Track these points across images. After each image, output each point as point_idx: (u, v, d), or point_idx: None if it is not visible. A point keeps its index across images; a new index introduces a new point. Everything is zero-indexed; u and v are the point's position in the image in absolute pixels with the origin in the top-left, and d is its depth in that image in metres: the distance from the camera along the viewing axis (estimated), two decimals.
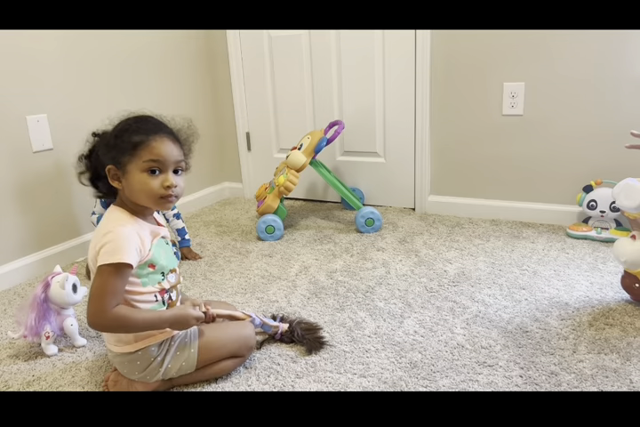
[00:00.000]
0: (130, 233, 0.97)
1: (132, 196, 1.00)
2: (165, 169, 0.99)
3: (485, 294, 1.41)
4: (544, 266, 1.57)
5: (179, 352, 1.04)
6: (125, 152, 0.98)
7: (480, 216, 2.03)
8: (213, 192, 2.43)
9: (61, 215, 1.75)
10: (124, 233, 0.97)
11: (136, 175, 0.98)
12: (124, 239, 0.96)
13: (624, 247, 1.26)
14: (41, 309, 1.18)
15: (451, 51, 1.93)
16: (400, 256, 1.69)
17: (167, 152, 0.99)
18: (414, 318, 1.30)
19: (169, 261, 1.06)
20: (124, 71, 1.93)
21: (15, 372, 1.15)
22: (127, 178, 0.99)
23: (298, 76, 2.22)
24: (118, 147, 0.99)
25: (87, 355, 1.21)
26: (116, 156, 0.99)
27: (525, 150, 1.92)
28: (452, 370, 1.09)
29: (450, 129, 2.02)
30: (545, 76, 1.82)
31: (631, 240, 1.26)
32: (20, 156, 1.61)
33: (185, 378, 1.07)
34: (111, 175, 1.00)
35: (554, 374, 1.06)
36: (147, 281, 1.01)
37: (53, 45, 1.68)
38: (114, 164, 0.99)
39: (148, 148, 0.98)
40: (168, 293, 1.05)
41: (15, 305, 1.46)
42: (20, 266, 1.63)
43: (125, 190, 1.01)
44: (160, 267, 1.02)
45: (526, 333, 1.21)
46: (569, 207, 1.88)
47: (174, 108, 2.18)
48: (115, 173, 1.00)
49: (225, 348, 1.08)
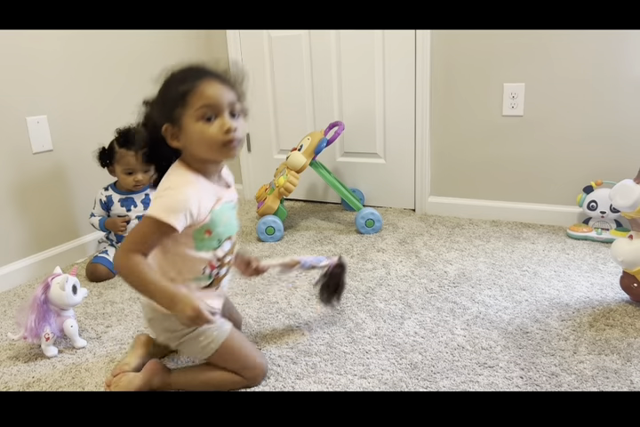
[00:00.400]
0: (189, 196, 0.92)
1: (194, 150, 0.95)
2: (220, 113, 0.93)
3: (486, 294, 1.41)
4: (544, 267, 1.57)
5: (202, 337, 1.01)
6: (176, 105, 0.93)
7: (480, 217, 2.03)
8: None
9: (61, 217, 1.75)
10: (183, 194, 0.92)
11: (192, 126, 0.93)
12: (180, 201, 0.91)
13: (621, 247, 1.26)
14: (41, 310, 1.17)
15: (451, 52, 1.93)
16: (400, 257, 1.69)
17: (218, 95, 0.93)
18: (414, 319, 1.30)
19: (227, 228, 1.01)
20: (123, 72, 1.93)
21: (15, 373, 1.15)
22: (184, 132, 0.94)
23: (298, 76, 2.22)
24: (168, 102, 0.94)
25: (87, 356, 1.20)
26: (168, 112, 0.94)
27: (526, 151, 1.92)
28: (453, 371, 1.08)
29: (450, 130, 2.02)
30: (545, 77, 1.82)
31: (628, 240, 1.26)
32: (20, 157, 1.61)
33: (186, 378, 1.06)
34: (169, 135, 0.96)
35: (554, 375, 1.06)
36: (201, 246, 0.97)
37: (54, 46, 1.68)
38: (168, 122, 0.94)
39: (197, 94, 0.92)
40: (218, 269, 1.01)
41: (15, 306, 1.46)
42: (19, 267, 1.63)
43: (187, 148, 0.96)
44: (216, 234, 0.98)
45: (527, 334, 1.21)
46: (569, 208, 1.88)
47: None
48: (172, 132, 0.95)
49: (239, 361, 1.05)
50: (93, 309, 1.43)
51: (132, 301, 1.47)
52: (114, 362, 1.17)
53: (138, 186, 1.63)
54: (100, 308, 1.43)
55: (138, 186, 1.63)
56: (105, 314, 1.40)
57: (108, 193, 1.66)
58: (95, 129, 1.79)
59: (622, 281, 1.33)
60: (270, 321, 1.32)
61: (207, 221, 0.96)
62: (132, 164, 1.60)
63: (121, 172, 1.61)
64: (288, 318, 1.33)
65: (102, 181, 1.68)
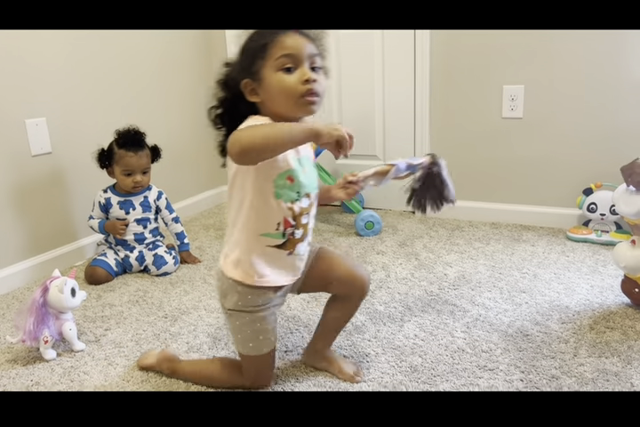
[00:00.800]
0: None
1: (273, 104, 0.93)
2: (300, 64, 0.91)
3: (486, 297, 1.41)
4: (544, 269, 1.57)
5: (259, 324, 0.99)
6: (256, 57, 0.91)
7: (480, 219, 2.03)
8: (212, 195, 2.43)
9: (60, 219, 1.75)
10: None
11: (271, 77, 0.91)
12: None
13: (624, 253, 1.25)
14: (39, 313, 1.17)
15: (450, 54, 1.93)
16: (400, 260, 1.69)
17: (298, 45, 0.91)
18: (414, 322, 1.29)
19: (309, 181, 0.98)
20: (123, 74, 1.93)
21: (14, 376, 1.14)
22: (263, 86, 0.92)
23: None
24: (248, 55, 0.93)
25: (86, 359, 1.20)
26: (249, 65, 0.92)
27: (525, 153, 1.92)
28: (453, 374, 1.08)
29: (449, 132, 2.02)
30: (544, 79, 1.82)
31: (631, 245, 1.26)
32: (19, 159, 1.61)
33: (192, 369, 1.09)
34: (248, 90, 0.94)
35: (555, 377, 1.05)
36: (281, 193, 0.94)
37: (52, 49, 1.68)
38: (249, 76, 0.92)
39: (278, 44, 0.90)
40: (293, 228, 0.97)
41: (14, 310, 1.46)
42: (18, 270, 1.62)
43: (265, 102, 0.94)
44: (297, 183, 0.95)
45: (527, 336, 1.21)
46: (569, 210, 1.88)
47: (173, 110, 2.18)
48: (251, 87, 0.93)
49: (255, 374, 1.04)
50: (92, 312, 1.43)
51: (131, 304, 1.46)
52: (112, 365, 1.17)
53: (137, 187, 1.62)
54: (99, 311, 1.43)
55: (137, 187, 1.62)
56: (104, 317, 1.39)
57: (107, 195, 1.65)
58: (94, 131, 1.79)
59: (623, 285, 1.33)
60: None
61: (290, 167, 0.93)
62: (131, 164, 1.59)
63: (120, 173, 1.61)
64: (287, 320, 1.33)
65: (101, 183, 1.68)
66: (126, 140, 1.59)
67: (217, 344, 1.23)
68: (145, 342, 1.26)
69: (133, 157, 1.58)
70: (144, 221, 1.66)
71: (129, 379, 1.11)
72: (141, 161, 1.61)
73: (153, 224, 1.68)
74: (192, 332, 1.30)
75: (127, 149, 1.59)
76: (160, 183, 1.79)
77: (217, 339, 1.26)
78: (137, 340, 1.27)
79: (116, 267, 1.64)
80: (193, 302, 1.45)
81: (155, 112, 2.08)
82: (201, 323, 1.34)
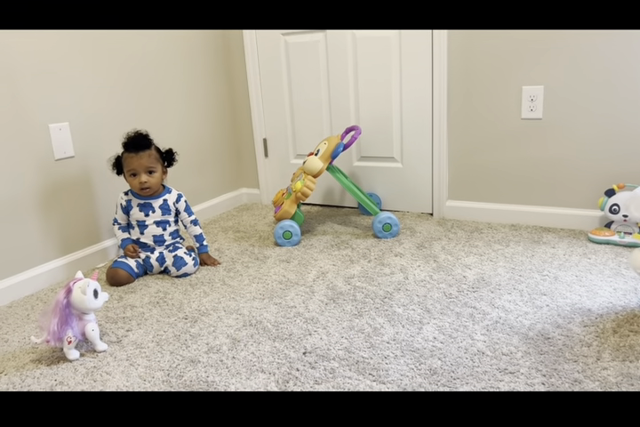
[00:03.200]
0: None
1: None
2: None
3: (505, 299, 1.39)
4: (565, 271, 1.55)
5: None
6: None
7: (499, 221, 2.01)
8: (231, 198, 2.45)
9: (83, 222, 1.78)
10: None
11: None
12: None
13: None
14: (63, 314, 1.19)
15: (468, 54, 1.92)
16: (418, 262, 1.68)
17: None
18: (433, 325, 1.29)
19: None
20: (142, 79, 1.96)
21: (38, 376, 1.17)
22: None
23: (314, 81, 2.23)
24: None
25: (108, 360, 1.22)
26: None
27: (545, 154, 1.90)
28: (473, 377, 1.07)
29: (468, 133, 2.01)
30: (564, 80, 1.80)
31: None
32: (43, 163, 1.65)
33: None
34: None
35: (577, 381, 1.04)
36: None
37: (75, 54, 1.71)
38: None
39: None
40: None
41: (38, 310, 1.49)
42: (42, 272, 1.65)
43: None
44: None
45: (548, 339, 1.19)
46: (590, 212, 1.86)
47: (192, 114, 2.20)
48: None
49: None
50: (114, 313, 1.45)
51: (152, 305, 1.48)
52: (134, 366, 1.18)
53: (144, 189, 1.63)
54: (121, 312, 1.45)
55: (144, 189, 1.63)
56: (125, 318, 1.41)
57: (127, 198, 1.68)
58: (115, 135, 1.82)
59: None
60: (288, 326, 1.32)
61: None
62: (132, 164, 1.61)
63: (127, 175, 1.64)
64: (306, 322, 1.33)
65: (123, 186, 1.70)
66: (128, 143, 1.62)
67: (236, 345, 1.24)
68: (165, 342, 1.28)
69: (134, 157, 1.60)
70: (163, 223, 1.68)
71: (150, 379, 1.13)
72: (142, 160, 1.60)
73: (173, 227, 1.70)
74: (212, 333, 1.31)
75: (128, 150, 1.62)
76: (180, 186, 1.82)
77: (236, 340, 1.27)
78: (158, 341, 1.29)
79: (137, 268, 1.66)
80: (212, 304, 1.47)
81: (175, 116, 2.11)
82: (220, 324, 1.35)
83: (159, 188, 1.68)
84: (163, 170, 1.68)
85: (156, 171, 1.63)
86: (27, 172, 1.60)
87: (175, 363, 1.19)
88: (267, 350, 1.22)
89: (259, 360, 1.18)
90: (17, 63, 1.55)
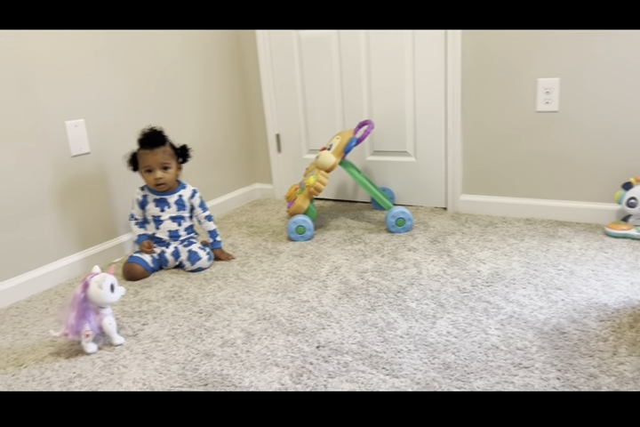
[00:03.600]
0: None
1: None
2: None
3: (520, 294, 1.39)
4: (581, 266, 1.53)
5: None
6: None
7: (514, 215, 1.99)
8: (244, 193, 2.46)
9: (100, 217, 1.81)
10: None
11: None
12: None
13: None
14: (81, 308, 1.21)
15: (482, 46, 1.90)
16: (432, 256, 1.67)
17: None
18: (447, 319, 1.28)
19: None
20: (156, 76, 1.97)
21: (57, 369, 1.19)
22: None
23: (327, 76, 2.22)
24: None
25: (125, 353, 1.24)
26: None
27: (561, 147, 1.87)
28: (487, 371, 1.07)
29: (482, 126, 1.99)
30: (581, 72, 1.78)
31: None
32: (60, 160, 1.67)
33: None
34: None
35: (593, 376, 1.03)
36: None
37: (91, 53, 1.73)
38: None
39: None
40: None
41: (56, 305, 1.51)
42: (60, 266, 1.68)
43: None
44: None
45: (563, 334, 1.18)
46: (607, 205, 1.83)
47: (206, 111, 2.21)
48: None
49: None
50: (130, 307, 1.47)
51: (167, 299, 1.50)
52: (150, 359, 1.20)
53: (159, 185, 1.64)
54: (137, 306, 1.47)
55: (159, 185, 1.64)
56: (141, 312, 1.43)
57: (143, 193, 1.70)
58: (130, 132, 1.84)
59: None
60: (302, 320, 1.33)
61: None
62: (147, 160, 1.62)
63: (143, 171, 1.65)
64: (319, 316, 1.34)
65: (137, 181, 1.72)
66: (143, 139, 1.64)
67: (250, 339, 1.25)
68: (181, 336, 1.29)
69: (149, 153, 1.62)
70: (179, 219, 1.69)
71: (165, 373, 1.14)
72: (156, 156, 1.62)
73: (187, 222, 1.72)
74: (226, 327, 1.32)
75: (144, 146, 1.63)
76: (194, 182, 1.83)
77: (250, 334, 1.28)
78: (173, 334, 1.30)
79: (152, 263, 1.68)
80: (227, 298, 1.48)
81: (188, 112, 2.12)
82: (235, 318, 1.36)
83: (174, 183, 1.69)
84: (177, 166, 1.69)
85: (170, 167, 1.65)
86: (44, 168, 1.63)
87: (190, 356, 1.20)
88: (280, 343, 1.23)
89: (273, 354, 1.18)
90: (35, 61, 1.57)
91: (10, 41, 1.51)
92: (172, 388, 1.09)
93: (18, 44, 1.53)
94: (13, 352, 1.27)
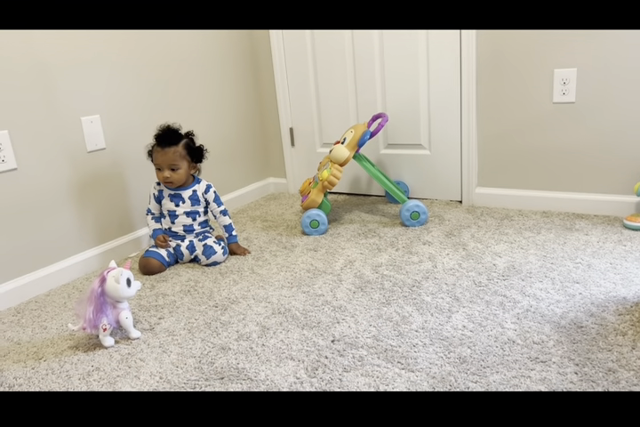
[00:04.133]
0: None
1: None
2: None
3: (537, 288, 1.37)
4: (599, 259, 1.51)
5: None
6: None
7: (530, 208, 1.97)
8: (259, 188, 2.47)
9: (116, 212, 1.82)
10: None
11: None
12: None
13: None
14: (98, 302, 1.23)
15: (498, 37, 1.87)
16: (447, 250, 1.66)
17: None
18: (463, 313, 1.28)
19: None
20: (170, 71, 1.98)
21: (75, 362, 1.21)
22: None
23: (340, 70, 2.21)
24: None
25: (141, 347, 1.25)
26: None
27: (578, 139, 1.84)
28: (503, 366, 1.06)
29: (497, 118, 1.96)
30: (598, 62, 1.74)
31: None
32: (76, 155, 1.69)
33: None
34: None
35: (611, 371, 1.02)
36: None
37: (106, 50, 1.73)
38: None
39: None
40: None
41: (74, 299, 1.54)
42: (77, 261, 1.70)
43: None
44: None
45: (581, 328, 1.17)
46: (626, 197, 1.80)
47: (220, 105, 2.21)
48: None
49: None
50: (146, 301, 1.48)
51: (183, 293, 1.51)
52: (166, 353, 1.21)
53: (167, 183, 1.66)
54: (153, 300, 1.49)
55: (167, 183, 1.66)
56: (157, 306, 1.45)
57: (159, 188, 1.71)
58: (144, 127, 1.85)
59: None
60: (316, 314, 1.33)
61: None
62: (158, 159, 1.63)
63: (155, 168, 1.67)
64: (334, 310, 1.34)
65: (152, 176, 1.73)
66: (158, 136, 1.64)
67: (265, 333, 1.26)
68: (197, 330, 1.30)
69: (160, 152, 1.63)
70: (193, 213, 1.70)
71: (182, 366, 1.16)
72: (166, 157, 1.62)
73: (202, 217, 1.73)
74: (241, 321, 1.33)
75: (158, 144, 1.64)
76: (208, 176, 1.84)
77: (265, 328, 1.28)
78: (189, 328, 1.31)
79: (168, 257, 1.69)
80: (242, 292, 1.49)
81: (203, 107, 2.13)
82: (250, 312, 1.37)
83: (187, 179, 1.70)
84: (191, 165, 1.68)
85: (179, 168, 1.64)
86: (61, 164, 1.64)
87: (206, 350, 1.21)
88: (295, 337, 1.23)
89: (288, 348, 1.19)
90: (51, 58, 1.58)
91: (27, 38, 1.52)
92: (189, 381, 1.10)
93: (34, 42, 1.54)
94: (33, 346, 1.30)
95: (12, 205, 1.53)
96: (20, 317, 1.46)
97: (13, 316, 1.46)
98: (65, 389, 1.11)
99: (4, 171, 1.50)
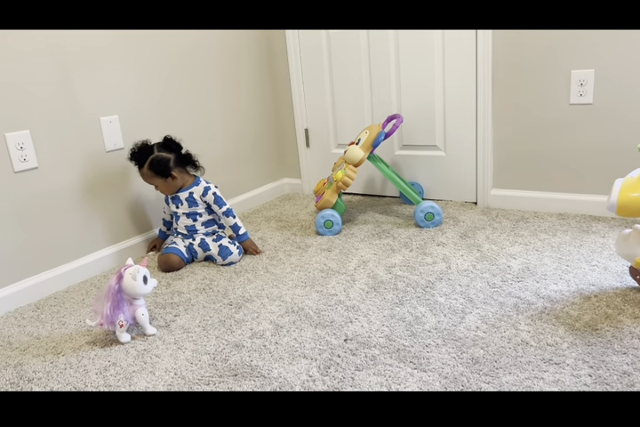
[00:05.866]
0: None
1: None
2: None
3: (552, 290, 1.36)
4: (616, 262, 1.50)
5: None
6: None
7: (546, 210, 1.96)
8: (273, 188, 2.48)
9: (132, 211, 1.85)
10: None
11: None
12: None
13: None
14: (115, 299, 1.25)
15: (514, 37, 1.86)
16: (461, 251, 1.66)
17: None
18: (476, 314, 1.27)
19: None
20: (186, 72, 2.00)
21: (93, 357, 1.23)
22: None
23: (356, 70, 2.22)
24: None
25: (157, 343, 1.27)
26: None
27: (595, 141, 1.83)
28: (516, 367, 1.06)
29: (513, 119, 1.95)
30: (616, 63, 1.72)
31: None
32: (95, 155, 1.72)
33: None
34: None
35: (626, 374, 1.01)
36: None
37: (125, 51, 1.76)
38: None
39: None
40: None
41: (92, 295, 1.56)
42: (95, 259, 1.73)
43: None
44: None
45: (596, 331, 1.16)
46: None
47: (235, 106, 2.24)
48: None
49: None
50: (162, 298, 1.50)
51: (198, 291, 1.53)
52: (181, 349, 1.23)
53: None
54: (169, 297, 1.51)
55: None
56: (173, 304, 1.47)
57: None
58: (161, 128, 1.88)
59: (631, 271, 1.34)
60: (329, 313, 1.34)
61: None
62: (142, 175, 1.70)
63: None
64: (347, 310, 1.35)
65: None
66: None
67: (279, 331, 1.27)
68: (211, 327, 1.32)
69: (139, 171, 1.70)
70: (192, 215, 1.72)
71: (197, 363, 1.17)
72: (143, 178, 1.70)
73: (204, 217, 1.73)
74: (255, 319, 1.34)
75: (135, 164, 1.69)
76: (223, 177, 1.86)
77: (279, 326, 1.29)
78: (204, 326, 1.33)
79: (187, 253, 1.72)
80: (256, 291, 1.50)
81: (219, 108, 2.15)
82: (264, 310, 1.38)
83: (187, 181, 1.72)
84: (173, 176, 1.66)
85: (156, 185, 1.70)
86: (80, 163, 1.68)
87: (220, 347, 1.23)
88: (308, 336, 1.24)
89: (301, 346, 1.20)
90: (71, 60, 1.61)
91: (47, 39, 1.55)
92: (203, 377, 1.12)
93: (54, 43, 1.57)
94: (52, 341, 1.32)
95: (32, 203, 1.56)
96: (40, 312, 1.49)
97: (33, 311, 1.49)
98: (82, 383, 1.14)
99: (26, 169, 1.54)
